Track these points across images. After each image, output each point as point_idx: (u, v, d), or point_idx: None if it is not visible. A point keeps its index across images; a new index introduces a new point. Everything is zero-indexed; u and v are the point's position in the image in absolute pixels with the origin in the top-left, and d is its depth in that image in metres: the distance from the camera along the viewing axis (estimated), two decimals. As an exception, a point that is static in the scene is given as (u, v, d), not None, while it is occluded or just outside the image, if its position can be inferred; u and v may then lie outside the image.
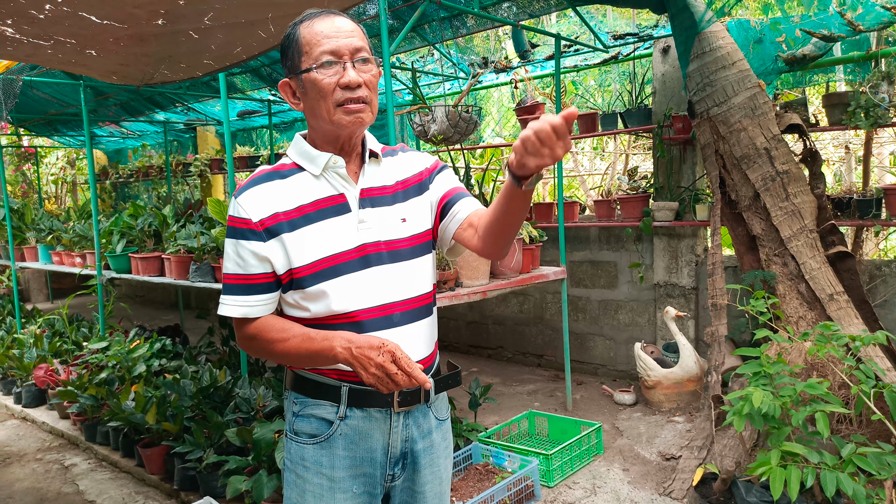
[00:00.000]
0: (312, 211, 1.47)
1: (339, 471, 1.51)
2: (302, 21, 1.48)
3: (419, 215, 1.58)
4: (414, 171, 1.61)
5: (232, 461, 3.20)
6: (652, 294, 5.12)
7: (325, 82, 1.42)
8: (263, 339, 1.48)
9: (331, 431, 1.51)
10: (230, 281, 1.48)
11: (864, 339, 2.92)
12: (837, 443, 2.76)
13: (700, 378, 4.41)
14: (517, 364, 6.03)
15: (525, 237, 4.25)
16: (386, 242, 1.51)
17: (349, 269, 1.47)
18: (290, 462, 1.55)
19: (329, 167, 1.49)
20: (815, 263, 3.74)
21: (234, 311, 1.48)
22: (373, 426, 1.52)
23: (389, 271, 1.50)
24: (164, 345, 5.01)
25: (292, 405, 1.56)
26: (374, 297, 1.48)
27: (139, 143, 10.07)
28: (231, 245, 1.47)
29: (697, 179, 4.84)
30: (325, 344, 1.40)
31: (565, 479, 3.55)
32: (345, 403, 1.50)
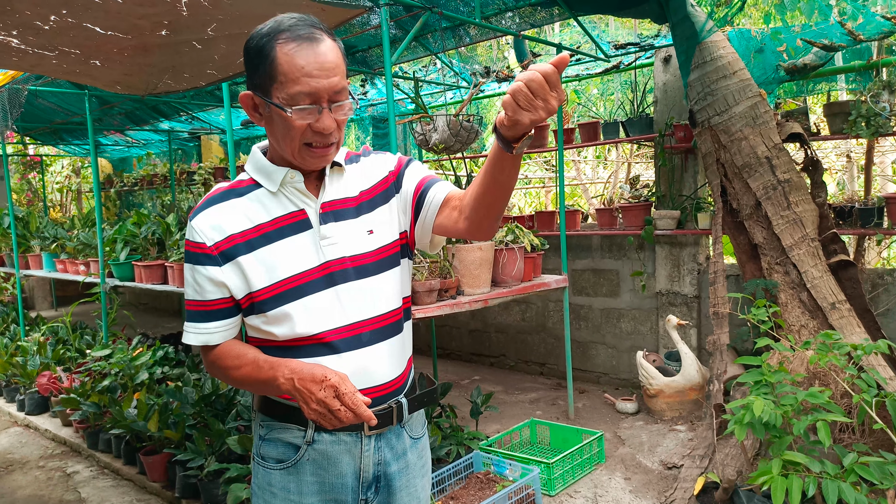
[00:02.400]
0: (272, 229, 1.39)
1: (307, 497, 1.44)
2: (278, 38, 1.30)
3: (386, 225, 1.49)
4: (379, 178, 1.51)
5: (233, 469, 3.20)
6: (654, 302, 5.12)
7: (297, 124, 1.31)
8: (221, 366, 1.44)
9: (298, 457, 1.44)
10: (190, 307, 1.44)
11: (865, 347, 2.92)
12: (839, 452, 2.76)
13: (702, 387, 4.40)
14: (519, 372, 6.02)
15: (527, 245, 4.26)
16: (351, 258, 1.42)
17: (313, 289, 1.39)
18: (257, 488, 1.49)
19: (287, 182, 1.40)
20: (816, 272, 3.74)
21: (194, 339, 1.44)
22: (342, 450, 1.45)
23: (356, 288, 1.42)
24: (167, 352, 5.02)
25: (259, 428, 1.50)
26: (341, 317, 1.41)
27: (144, 151, 10.12)
28: (188, 270, 1.42)
29: (699, 188, 4.85)
30: (270, 373, 1.36)
31: (567, 488, 3.54)
32: (312, 427, 1.43)
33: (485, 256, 3.91)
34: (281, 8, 2.61)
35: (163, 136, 8.87)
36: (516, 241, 4.20)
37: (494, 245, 4.03)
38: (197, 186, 8.73)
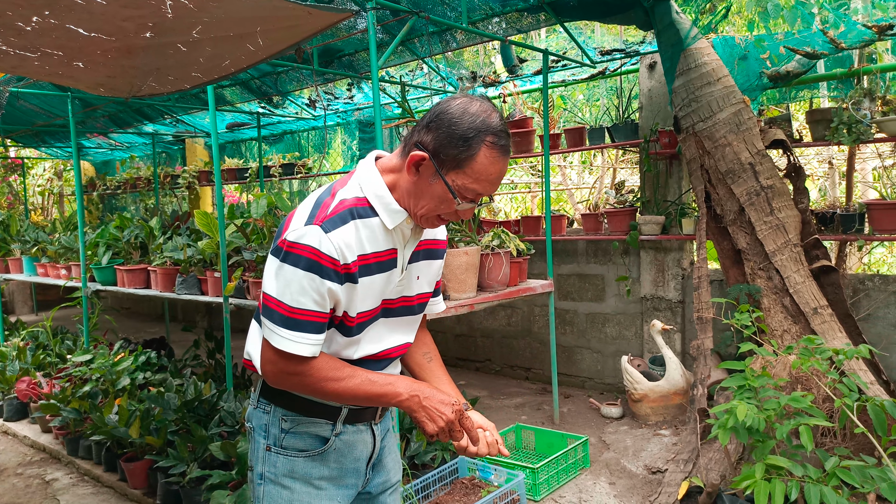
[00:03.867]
0: (380, 261, 1.48)
1: (325, 481, 1.56)
2: (487, 138, 1.38)
3: (430, 278, 1.66)
4: (438, 236, 1.67)
5: (215, 475, 3.17)
6: (639, 307, 5.14)
7: (454, 208, 1.43)
8: (314, 378, 1.43)
9: (326, 447, 1.55)
10: (300, 316, 1.39)
11: (847, 352, 2.94)
12: (821, 456, 2.78)
13: (686, 391, 4.42)
14: (505, 377, 6.02)
15: (512, 250, 4.26)
16: (406, 299, 1.59)
17: (375, 318, 1.52)
18: (273, 475, 1.54)
19: (401, 226, 1.50)
20: (799, 277, 3.78)
21: (304, 349, 1.40)
22: (359, 438, 1.60)
23: (401, 322, 1.60)
24: (149, 358, 4.97)
25: (281, 421, 1.54)
26: (385, 343, 1.57)
27: (127, 154, 10.04)
28: (308, 279, 1.37)
29: (683, 194, 4.88)
30: (388, 389, 1.46)
31: (552, 493, 3.54)
32: (342, 421, 1.56)
33: (471, 261, 3.91)
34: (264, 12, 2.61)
35: (147, 139, 8.80)
36: (502, 245, 4.20)
37: (480, 250, 4.03)
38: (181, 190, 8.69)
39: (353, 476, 1.61)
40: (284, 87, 6.12)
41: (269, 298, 1.40)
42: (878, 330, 4.05)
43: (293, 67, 5.32)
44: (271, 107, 6.98)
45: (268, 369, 1.45)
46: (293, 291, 1.38)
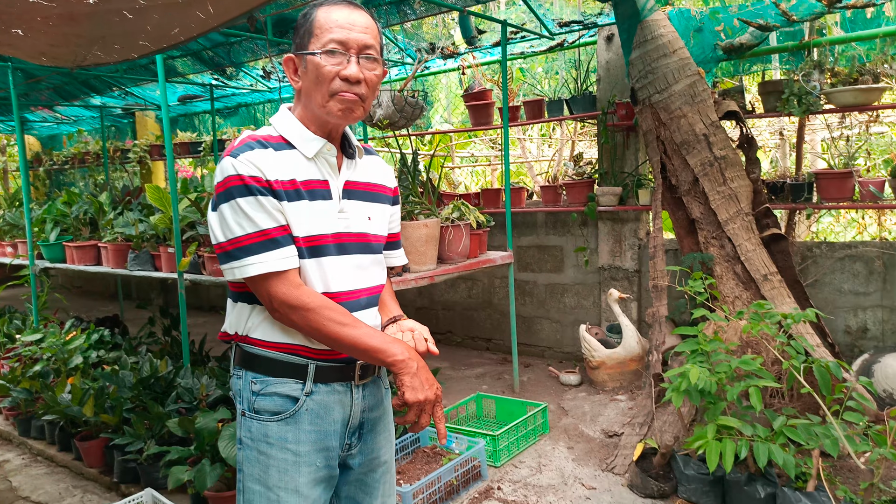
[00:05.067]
0: (304, 189, 1.51)
1: (304, 445, 1.55)
2: (322, 4, 1.52)
3: (381, 221, 1.70)
4: (383, 182, 1.72)
5: (174, 451, 3.13)
6: (597, 277, 5.22)
7: (326, 69, 1.48)
8: (318, 315, 1.46)
9: (296, 408, 1.55)
10: (256, 239, 1.45)
11: (795, 316, 3.05)
12: (770, 416, 2.88)
13: (642, 358, 4.52)
14: (466, 348, 6.07)
15: (472, 222, 4.27)
16: (357, 234, 1.61)
17: (329, 253, 1.54)
18: (250, 440, 1.56)
19: (322, 153, 1.55)
20: (750, 245, 3.88)
21: (276, 264, 1.45)
22: (335, 400, 1.59)
23: (360, 260, 1.61)
24: (103, 336, 4.85)
25: (251, 385, 1.56)
26: (348, 283, 1.57)
27: (74, 128, 9.68)
28: (244, 203, 1.44)
29: (640, 165, 4.95)
30: (387, 347, 1.48)
31: (512, 459, 3.60)
32: (311, 379, 1.55)
33: (431, 233, 3.90)
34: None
35: (95, 112, 8.50)
36: (462, 218, 4.20)
37: (440, 222, 4.02)
38: (132, 164, 8.44)
39: (335, 438, 1.60)
40: (238, 58, 5.96)
41: (224, 245, 1.47)
42: (825, 295, 4.20)
43: (247, 37, 5.18)
44: (225, 78, 6.80)
45: (275, 306, 1.48)
46: (239, 221, 1.45)
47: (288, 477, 1.54)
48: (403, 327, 1.66)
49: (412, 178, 4.30)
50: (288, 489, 1.53)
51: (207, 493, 2.97)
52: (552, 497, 3.19)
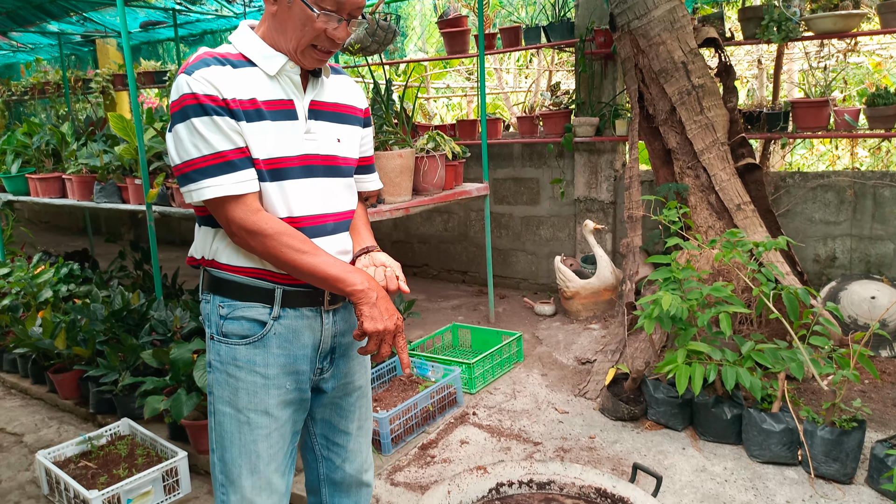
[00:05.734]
0: (266, 109, 1.46)
1: (272, 368, 1.54)
2: None
3: (351, 143, 1.64)
4: (353, 102, 1.66)
5: (149, 382, 3.12)
6: (572, 209, 5.22)
7: (316, 25, 1.42)
8: (276, 241, 1.43)
9: (264, 332, 1.53)
10: (213, 161, 1.39)
11: (766, 244, 3.08)
12: (738, 341, 2.95)
13: (616, 287, 4.58)
14: (442, 281, 6.09)
15: (448, 153, 4.20)
16: (325, 157, 1.56)
17: (293, 175, 1.50)
18: (219, 363, 1.56)
19: (284, 71, 1.49)
20: (725, 175, 3.88)
21: (234, 188, 1.40)
22: (305, 324, 1.57)
23: (328, 184, 1.57)
24: (72, 270, 4.77)
25: (218, 308, 1.55)
26: (313, 207, 1.53)
27: (32, 57, 9.25)
28: (200, 123, 1.38)
29: (618, 95, 4.88)
30: (347, 276, 1.45)
31: (487, 386, 3.67)
32: (279, 304, 1.53)
33: (405, 164, 3.84)
34: None
35: (52, 39, 8.10)
36: (437, 148, 4.13)
37: (415, 153, 3.95)
38: (95, 95, 8.13)
39: (305, 362, 1.59)
40: (202, -20, 5.68)
41: (180, 167, 1.42)
42: (796, 224, 4.25)
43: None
44: (188, 3, 6.49)
45: (233, 230, 1.45)
46: (195, 142, 1.39)
47: (257, 399, 1.53)
48: (376, 261, 1.63)
49: (385, 107, 4.20)
50: (258, 410, 1.53)
51: (184, 422, 2.98)
52: (526, 421, 3.26)
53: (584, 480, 2.01)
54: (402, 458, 2.97)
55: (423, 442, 3.10)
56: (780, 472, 2.72)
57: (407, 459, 2.96)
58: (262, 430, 1.54)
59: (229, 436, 1.55)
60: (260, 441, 1.55)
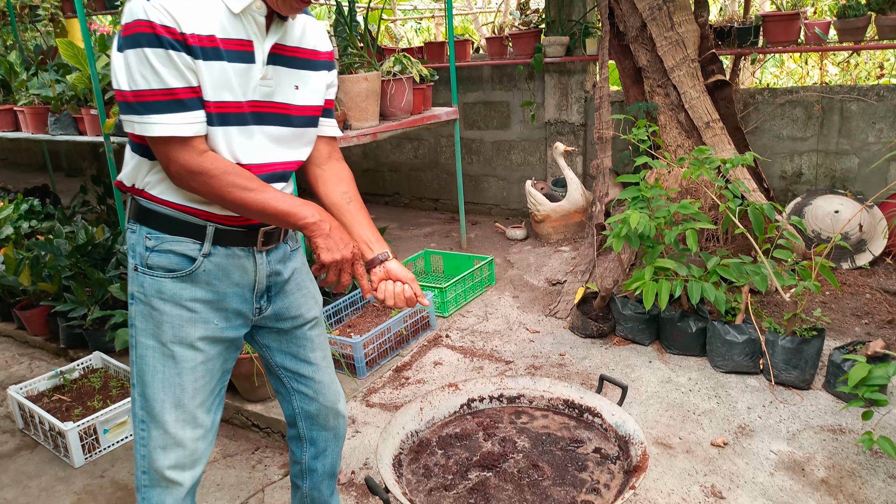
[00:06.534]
0: (223, 48, 1.36)
1: (199, 304, 1.49)
2: None
3: (312, 90, 1.55)
4: (316, 46, 1.56)
5: (118, 315, 3.10)
6: (543, 132, 5.17)
7: None
8: (220, 180, 1.36)
9: (193, 268, 1.48)
10: (163, 97, 1.30)
11: (733, 161, 3.09)
12: (704, 257, 2.99)
13: (586, 210, 4.60)
14: (414, 209, 6.07)
15: (415, 76, 4.09)
16: (279, 105, 1.48)
17: (240, 122, 1.42)
18: (142, 295, 1.49)
19: (249, 10, 1.38)
20: (694, 93, 3.85)
21: (182, 129, 1.31)
22: (236, 263, 1.52)
23: (280, 133, 1.50)
24: (33, 206, 4.64)
25: (145, 240, 1.48)
26: (260, 155, 1.47)
27: (-29, -18, 8.69)
28: (152, 54, 1.28)
29: (588, 12, 4.76)
30: (297, 210, 1.40)
31: (459, 309, 3.71)
32: (210, 241, 1.48)
33: (371, 87, 3.73)
34: None
35: (-8, -38, 7.60)
36: (404, 71, 4.02)
37: (381, 76, 3.84)
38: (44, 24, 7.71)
39: (237, 301, 1.55)
40: None
41: (126, 94, 1.32)
42: (764, 142, 4.27)
43: None
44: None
45: (173, 171, 1.37)
46: (144, 74, 1.30)
47: (183, 332, 1.48)
48: (392, 275, 1.55)
49: (349, 29, 4.05)
50: (183, 344, 1.49)
51: (157, 353, 2.98)
52: (498, 341, 3.32)
53: (553, 393, 2.06)
54: (376, 380, 3.02)
55: (397, 364, 3.15)
56: (742, 381, 2.83)
57: (382, 382, 3.01)
58: (188, 363, 1.50)
59: (151, 370, 1.50)
60: (185, 374, 1.50)
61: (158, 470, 1.51)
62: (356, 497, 2.28)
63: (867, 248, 3.81)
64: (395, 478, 1.71)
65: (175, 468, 1.51)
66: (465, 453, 1.85)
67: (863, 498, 2.12)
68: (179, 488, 1.53)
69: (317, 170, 1.65)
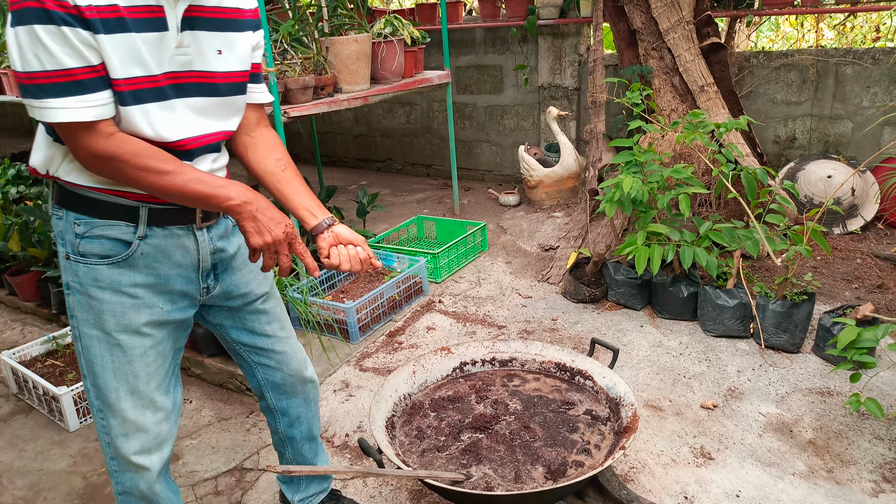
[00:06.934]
0: (129, 17, 1.23)
1: (140, 289, 1.42)
2: None
3: (238, 53, 1.43)
4: (240, 4, 1.43)
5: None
6: (536, 97, 5.12)
7: None
8: (132, 165, 1.26)
9: (129, 252, 1.39)
10: (60, 78, 1.18)
11: (727, 125, 3.07)
12: (697, 222, 2.99)
13: (579, 175, 4.58)
14: (406, 175, 6.03)
15: (406, 38, 4.03)
16: (201, 73, 1.36)
17: (159, 97, 1.30)
18: (78, 284, 1.41)
19: None
20: (689, 56, 3.81)
21: (83, 113, 1.20)
22: (175, 243, 1.44)
23: (205, 104, 1.39)
24: (20, 171, 4.58)
25: (73, 226, 1.38)
26: (185, 130, 1.36)
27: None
28: (44, 32, 1.15)
29: (582, -27, 4.67)
30: (220, 191, 1.30)
31: (452, 275, 3.71)
32: (144, 223, 1.39)
33: (361, 50, 3.67)
34: None
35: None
36: (395, 33, 3.95)
37: (371, 38, 3.78)
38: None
39: (181, 282, 1.48)
40: None
41: (21, 77, 1.20)
42: (758, 106, 4.24)
43: None
44: None
45: (82, 157, 1.27)
46: (37, 53, 1.17)
47: (126, 320, 1.42)
48: (342, 238, 1.48)
49: (339, -11, 3.96)
50: (129, 332, 1.42)
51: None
52: (490, 307, 3.33)
53: (545, 356, 2.08)
54: (369, 345, 3.04)
55: (390, 329, 3.16)
56: (732, 345, 2.85)
57: (375, 346, 3.02)
58: (136, 350, 1.44)
59: (100, 360, 1.44)
60: (135, 361, 1.44)
61: (125, 457, 1.49)
62: (350, 459, 2.31)
63: (859, 213, 3.82)
64: (389, 439, 1.73)
65: (140, 453, 1.49)
66: (457, 415, 1.86)
67: (849, 458, 2.16)
68: (149, 472, 1.51)
69: (245, 138, 1.56)
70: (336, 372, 2.83)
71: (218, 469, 2.34)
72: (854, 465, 2.12)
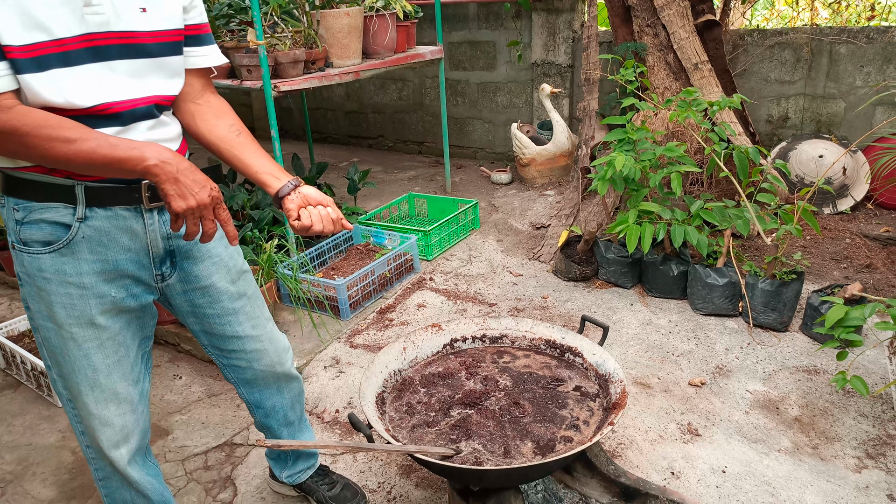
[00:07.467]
0: None
1: (87, 277, 1.34)
2: None
3: (165, 11, 1.33)
4: None
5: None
6: (529, 74, 5.08)
7: None
8: (41, 137, 1.15)
9: (70, 236, 1.31)
10: None
11: (720, 103, 3.06)
12: (688, 201, 2.99)
13: (571, 153, 4.57)
14: (398, 152, 5.99)
15: (399, 12, 3.97)
16: (121, 34, 1.26)
17: (72, 61, 1.20)
18: (26, 275, 1.34)
19: None
20: (684, 33, 3.78)
21: None
22: (122, 225, 1.35)
23: (130, 67, 1.29)
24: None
25: (13, 213, 1.30)
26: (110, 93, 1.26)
27: None
28: None
29: (577, -52, 4.62)
30: (132, 153, 1.19)
31: (443, 253, 3.71)
32: (83, 203, 1.30)
33: (353, 23, 3.62)
34: None
35: None
36: (387, 7, 3.90)
37: (363, 11, 3.72)
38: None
39: (132, 267, 1.39)
40: None
41: None
42: (752, 84, 4.22)
43: None
44: None
45: None
46: None
47: (77, 311, 1.35)
48: (311, 200, 1.41)
49: (331, -39, 3.89)
50: (80, 323, 1.36)
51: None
52: (481, 284, 3.33)
53: (535, 333, 2.08)
54: (360, 322, 3.03)
55: (381, 307, 3.16)
56: (721, 323, 2.87)
57: (366, 323, 3.02)
58: (92, 342, 1.38)
59: (60, 351, 1.39)
60: (93, 354, 1.39)
61: (98, 448, 1.48)
62: (340, 434, 2.32)
63: (849, 193, 3.83)
64: (378, 415, 1.73)
65: (109, 447, 1.47)
66: (447, 391, 1.87)
67: (834, 435, 2.18)
68: (121, 461, 1.50)
69: (191, 106, 1.47)
70: (326, 348, 2.83)
71: (208, 444, 2.35)
72: (838, 442, 2.15)
